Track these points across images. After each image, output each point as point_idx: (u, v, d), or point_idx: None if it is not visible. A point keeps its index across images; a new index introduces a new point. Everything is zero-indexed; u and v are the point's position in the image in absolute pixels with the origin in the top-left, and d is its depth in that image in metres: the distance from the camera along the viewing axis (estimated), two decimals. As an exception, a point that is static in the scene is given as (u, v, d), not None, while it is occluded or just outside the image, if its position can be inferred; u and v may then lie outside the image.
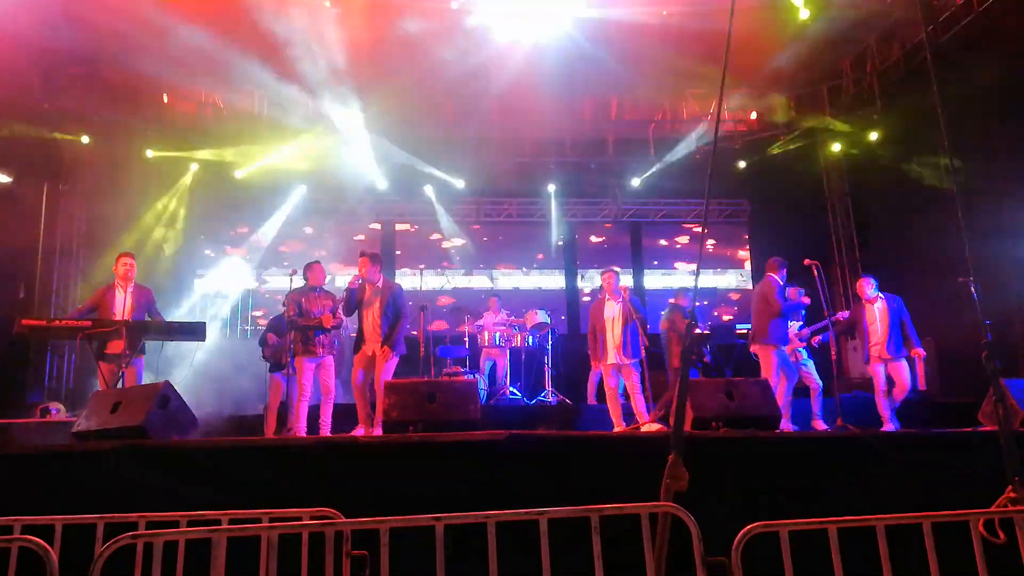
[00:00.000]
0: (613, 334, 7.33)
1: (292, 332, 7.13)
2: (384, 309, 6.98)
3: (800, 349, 7.88)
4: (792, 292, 8.37)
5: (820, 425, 7.54)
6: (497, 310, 10.56)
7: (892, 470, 4.33)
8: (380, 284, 7.11)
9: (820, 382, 7.66)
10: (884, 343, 7.35)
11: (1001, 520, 2.80)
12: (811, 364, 7.81)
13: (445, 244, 13.93)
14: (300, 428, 6.89)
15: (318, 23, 10.01)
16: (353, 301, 7.06)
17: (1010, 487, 2.94)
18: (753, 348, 7.57)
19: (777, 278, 7.57)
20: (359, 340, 7.02)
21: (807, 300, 7.92)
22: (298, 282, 7.39)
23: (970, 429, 6.36)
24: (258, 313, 12.75)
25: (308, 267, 7.37)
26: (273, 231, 13.12)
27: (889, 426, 7.23)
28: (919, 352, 7.39)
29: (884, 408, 7.29)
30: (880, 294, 7.58)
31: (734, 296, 14.07)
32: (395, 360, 6.99)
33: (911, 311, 7.52)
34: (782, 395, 7.11)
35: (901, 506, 2.84)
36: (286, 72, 10.91)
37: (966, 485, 3.46)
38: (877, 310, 7.51)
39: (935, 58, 9.12)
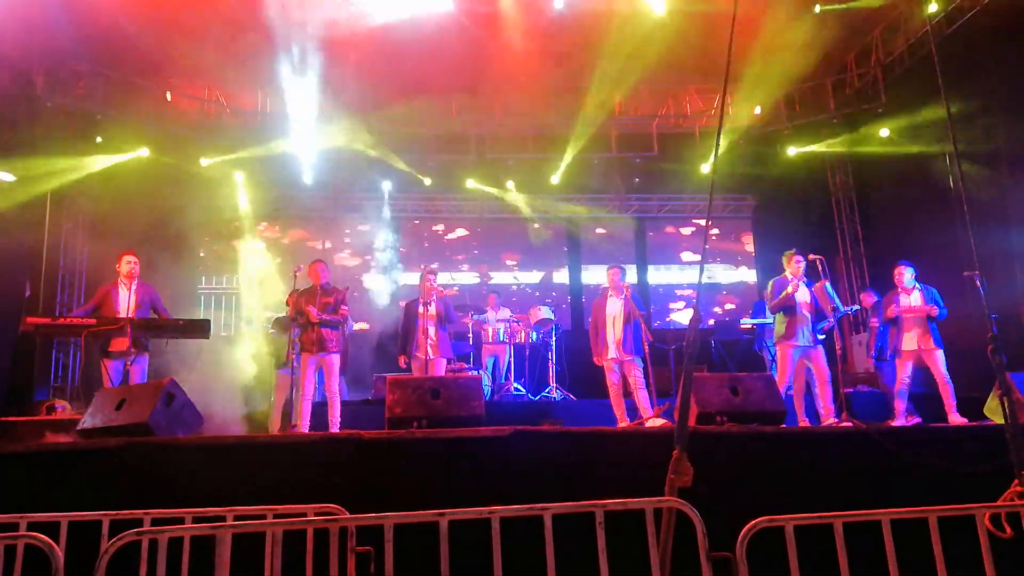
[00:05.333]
0: (614, 330, 7.32)
1: (291, 330, 7.22)
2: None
3: None
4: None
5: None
6: (496, 307, 10.55)
7: (897, 464, 4.32)
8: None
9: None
10: (921, 334, 7.19)
11: (1008, 514, 2.80)
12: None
13: (447, 239, 13.94)
14: (303, 425, 6.92)
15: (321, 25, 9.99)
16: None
17: (1016, 481, 2.94)
18: None
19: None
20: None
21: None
22: (302, 278, 7.43)
23: (976, 423, 6.35)
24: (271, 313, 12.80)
25: (310, 266, 7.41)
26: (277, 227, 13.17)
27: (900, 420, 7.18)
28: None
29: (901, 401, 7.24)
30: (918, 284, 7.40)
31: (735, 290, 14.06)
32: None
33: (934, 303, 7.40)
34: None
35: (907, 500, 2.84)
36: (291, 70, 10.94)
37: (972, 479, 3.45)
38: (913, 300, 7.33)
39: (940, 51, 9.08)
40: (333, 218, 13.51)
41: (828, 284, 7.15)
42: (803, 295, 7.16)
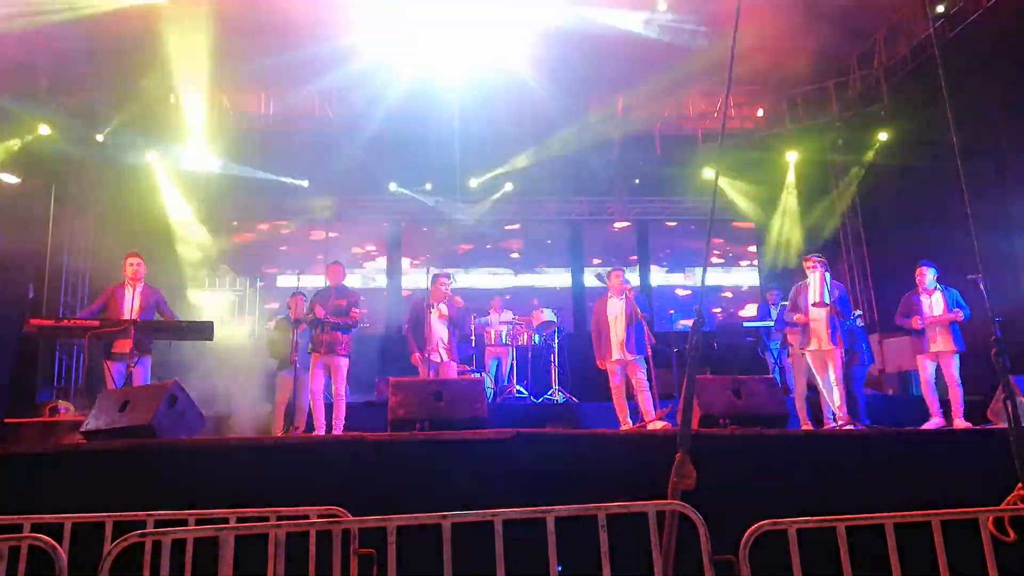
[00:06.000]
0: (616, 331, 7.30)
1: (294, 331, 7.26)
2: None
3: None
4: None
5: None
6: (500, 310, 10.55)
7: (900, 468, 4.31)
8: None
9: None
10: (944, 336, 7.13)
11: (1011, 518, 2.79)
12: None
13: (450, 241, 13.94)
14: (318, 425, 6.98)
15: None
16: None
17: (1020, 484, 2.93)
18: None
19: None
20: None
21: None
22: (305, 281, 7.47)
23: (979, 426, 6.34)
24: (274, 304, 12.83)
25: (328, 267, 7.46)
26: (280, 230, 13.20)
27: (940, 420, 7.06)
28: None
29: (932, 401, 7.12)
30: (939, 285, 7.32)
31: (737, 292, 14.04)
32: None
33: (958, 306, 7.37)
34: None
35: (910, 504, 2.83)
36: (293, 73, 10.95)
37: (975, 482, 3.44)
38: (935, 302, 7.25)
39: (943, 54, 9.06)
40: (336, 219, 13.52)
41: (825, 275, 6.98)
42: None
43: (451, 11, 10.21)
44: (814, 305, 6.93)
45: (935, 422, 7.08)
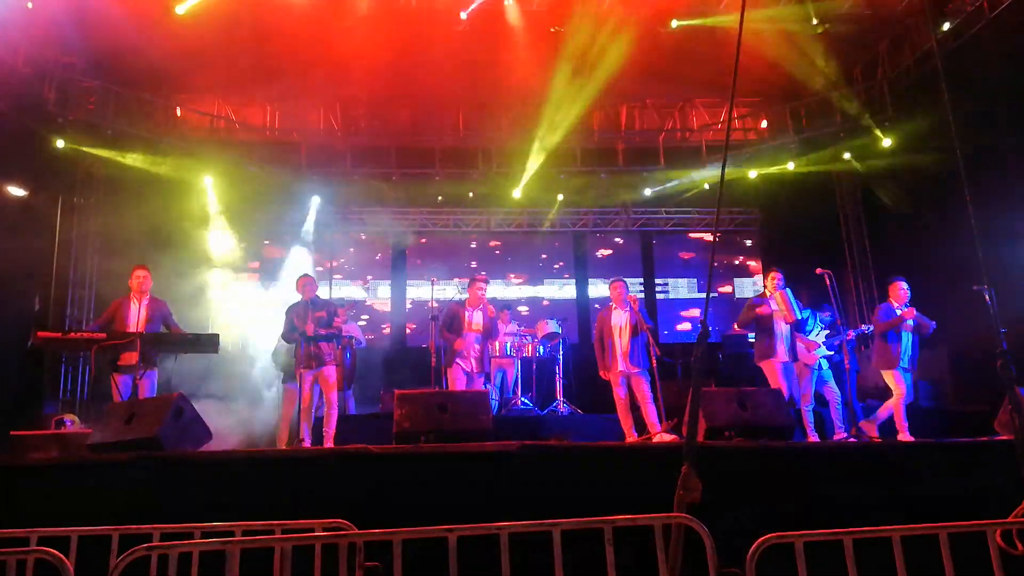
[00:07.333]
0: (621, 342, 7.31)
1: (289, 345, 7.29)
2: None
3: (822, 360, 7.84)
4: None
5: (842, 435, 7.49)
6: (507, 321, 10.55)
7: (908, 480, 4.30)
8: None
9: (839, 393, 7.64)
10: (912, 351, 7.34)
11: (1019, 531, 2.78)
12: (830, 375, 7.79)
13: (456, 252, 13.95)
14: (306, 440, 6.93)
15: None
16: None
17: (1027, 497, 2.92)
18: None
19: None
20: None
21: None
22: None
23: (986, 438, 6.31)
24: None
25: (298, 281, 7.41)
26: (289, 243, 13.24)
27: (906, 435, 7.15)
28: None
29: (903, 417, 7.21)
30: None
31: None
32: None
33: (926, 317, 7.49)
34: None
35: (917, 516, 2.82)
36: (298, 85, 11.01)
37: (982, 495, 3.43)
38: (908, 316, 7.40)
39: (947, 64, 9.09)
40: (338, 232, 13.54)
41: (790, 291, 7.34)
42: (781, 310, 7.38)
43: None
44: (787, 322, 7.31)
45: (906, 436, 7.21)
